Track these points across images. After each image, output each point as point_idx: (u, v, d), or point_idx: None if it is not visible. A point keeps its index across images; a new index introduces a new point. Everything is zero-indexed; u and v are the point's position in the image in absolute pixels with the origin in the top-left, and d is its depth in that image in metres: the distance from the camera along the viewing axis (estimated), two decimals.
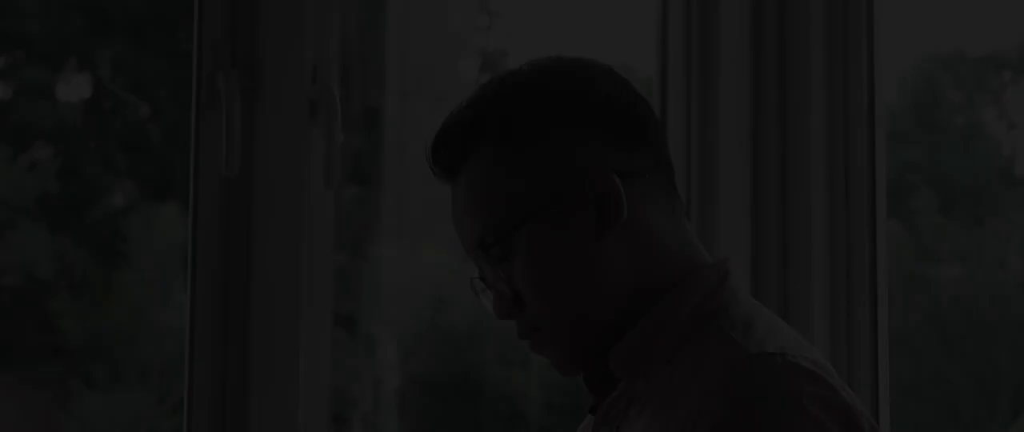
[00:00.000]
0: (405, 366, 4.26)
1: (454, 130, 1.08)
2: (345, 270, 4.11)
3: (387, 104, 4.14)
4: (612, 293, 1.04)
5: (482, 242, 1.06)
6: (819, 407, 0.91)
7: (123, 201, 3.73)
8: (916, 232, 3.20)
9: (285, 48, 1.46)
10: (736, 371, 0.93)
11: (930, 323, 3.12)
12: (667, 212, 1.07)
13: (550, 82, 1.07)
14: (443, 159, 1.10)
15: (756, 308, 1.05)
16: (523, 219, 1.03)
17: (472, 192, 1.07)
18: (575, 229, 1.03)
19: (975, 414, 2.86)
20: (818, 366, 0.96)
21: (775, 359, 0.94)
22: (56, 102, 3.23)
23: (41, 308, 3.67)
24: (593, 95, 1.06)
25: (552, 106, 1.05)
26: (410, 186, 4.27)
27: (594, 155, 1.04)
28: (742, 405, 0.91)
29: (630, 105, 1.07)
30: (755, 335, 0.98)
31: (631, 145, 1.06)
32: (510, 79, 1.08)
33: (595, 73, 1.08)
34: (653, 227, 1.05)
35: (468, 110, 1.07)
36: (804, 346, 0.99)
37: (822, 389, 0.93)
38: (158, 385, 3.69)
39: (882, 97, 1.75)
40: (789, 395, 0.91)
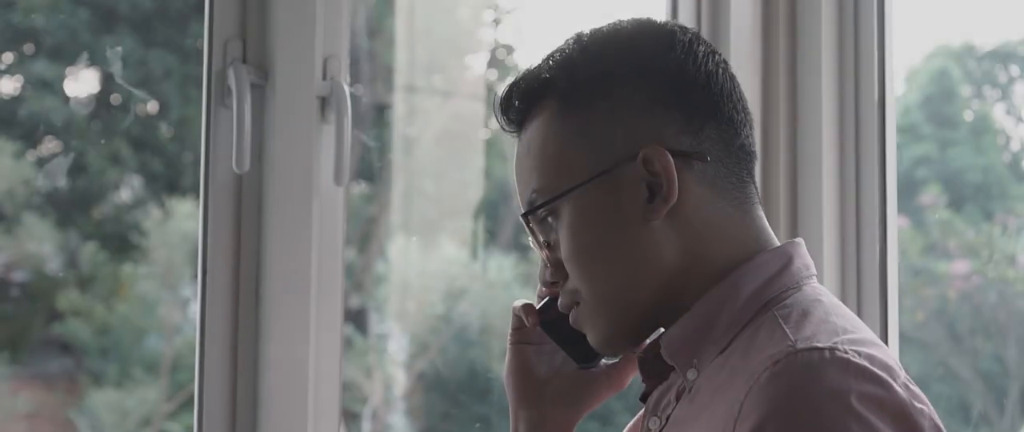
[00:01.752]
0: (415, 362, 4.27)
1: (524, 80, 1.03)
2: (355, 266, 4.11)
3: (396, 100, 4.15)
4: (656, 278, 0.99)
5: (531, 203, 1.02)
6: (869, 406, 0.85)
7: (132, 197, 3.74)
8: (925, 228, 3.20)
9: (295, 45, 1.45)
10: (779, 366, 0.87)
11: (938, 319, 3.12)
12: (733, 198, 1.00)
13: (624, 42, 1.01)
14: (510, 110, 1.05)
15: (818, 296, 0.98)
16: (572, 186, 0.99)
17: (530, 149, 1.03)
18: (625, 206, 0.98)
19: (984, 410, 2.86)
20: (875, 362, 0.88)
21: (822, 354, 0.87)
22: (65, 98, 3.24)
23: (50, 303, 3.68)
24: (665, 63, 0.99)
25: (620, 67, 1.00)
26: (420, 182, 4.28)
27: (654, 130, 0.98)
28: (783, 403, 0.85)
29: (707, 82, 0.99)
30: (809, 326, 0.92)
31: (698, 124, 0.99)
32: (588, 35, 1.03)
33: (676, 41, 1.00)
34: (710, 213, 0.99)
35: (542, 62, 1.03)
36: (865, 341, 0.91)
37: (875, 387, 0.86)
38: (168, 381, 3.70)
39: (893, 92, 1.75)
40: (835, 393, 0.85)
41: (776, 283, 0.98)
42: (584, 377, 1.12)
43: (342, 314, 1.50)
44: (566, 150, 1.00)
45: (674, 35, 1.01)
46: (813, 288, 0.99)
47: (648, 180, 0.98)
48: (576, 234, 1.00)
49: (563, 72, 1.01)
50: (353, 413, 3.92)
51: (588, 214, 0.99)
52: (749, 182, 1.02)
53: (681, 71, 0.99)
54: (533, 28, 4.12)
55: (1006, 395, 2.99)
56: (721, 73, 1.01)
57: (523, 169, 1.04)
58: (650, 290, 0.99)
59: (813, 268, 1.02)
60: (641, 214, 0.98)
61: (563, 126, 1.01)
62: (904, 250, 3.13)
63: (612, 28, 1.03)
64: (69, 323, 3.57)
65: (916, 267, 3.18)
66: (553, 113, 1.01)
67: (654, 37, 1.01)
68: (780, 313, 0.94)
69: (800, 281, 0.99)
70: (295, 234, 1.45)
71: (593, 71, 1.00)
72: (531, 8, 4.22)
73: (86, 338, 3.59)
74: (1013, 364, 3.02)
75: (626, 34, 1.02)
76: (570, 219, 1.00)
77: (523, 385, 1.13)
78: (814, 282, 1.01)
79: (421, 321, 4.11)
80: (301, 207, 1.45)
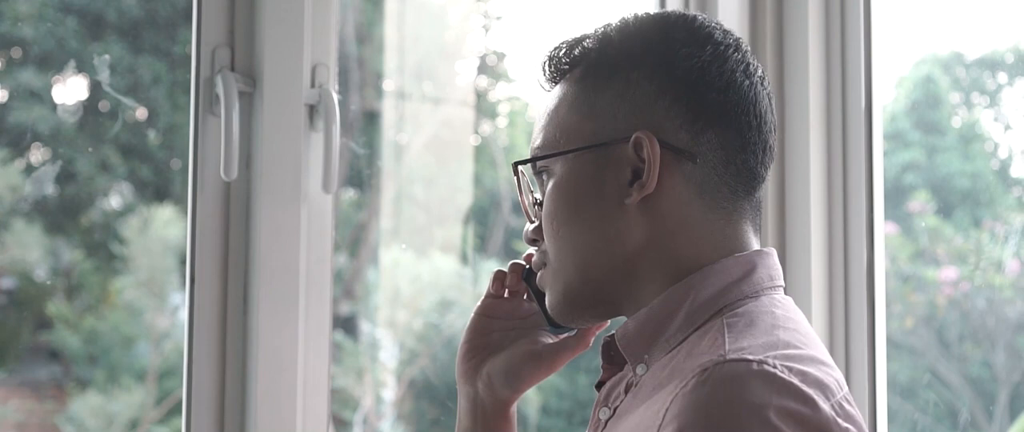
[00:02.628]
0: (405, 369, 4.26)
1: (565, 46, 1.07)
2: (345, 273, 4.11)
3: (386, 107, 4.15)
4: (614, 256, 1.01)
5: (533, 155, 1.06)
6: (788, 422, 0.85)
7: (120, 204, 3.73)
8: (913, 234, 3.21)
9: (283, 52, 1.46)
10: (706, 374, 0.88)
11: (927, 325, 3.13)
12: (717, 207, 1.01)
13: (658, 31, 1.03)
14: (549, 69, 1.08)
15: (772, 307, 0.99)
16: (565, 150, 1.03)
17: (547, 108, 1.07)
18: (606, 182, 1.01)
19: (973, 416, 2.86)
20: (808, 379, 0.88)
21: (750, 366, 0.88)
22: (53, 105, 3.23)
23: (38, 311, 3.67)
24: (688, 60, 1.01)
25: (643, 51, 1.02)
26: (410, 189, 4.28)
27: (656, 119, 1.00)
28: (702, 412, 0.86)
29: (725, 89, 1.01)
30: (748, 337, 0.93)
31: (702, 126, 1.00)
32: (632, 18, 1.06)
33: (710, 41, 1.02)
34: (688, 213, 1.00)
35: (590, 33, 1.07)
36: (802, 357, 0.91)
37: (798, 404, 0.86)
38: (156, 388, 3.69)
39: (879, 99, 1.75)
40: (754, 406, 0.85)
41: (734, 290, 1.00)
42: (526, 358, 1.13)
43: (331, 321, 1.50)
44: (574, 116, 1.04)
45: (711, 36, 1.03)
46: (771, 299, 1.00)
47: (634, 164, 1.00)
48: (557, 196, 1.04)
49: (597, 44, 1.05)
50: (344, 420, 3.91)
51: (573, 179, 1.03)
52: (743, 196, 1.03)
53: (701, 71, 1.01)
54: (522, 35, 4.13)
55: (994, 401, 3.00)
56: (747, 85, 1.02)
57: (538, 123, 1.08)
58: (607, 268, 1.02)
59: (779, 279, 1.04)
60: (618, 194, 1.01)
61: (578, 94, 1.04)
62: (893, 256, 3.14)
63: (654, 16, 1.06)
64: (57, 330, 3.56)
65: (905, 273, 3.19)
66: (576, 79, 1.05)
67: (689, 32, 1.03)
68: (729, 320, 0.96)
69: (759, 291, 1.00)
70: (283, 241, 1.44)
71: (621, 50, 1.03)
72: (520, 15, 4.23)
73: (74, 345, 3.58)
74: (1001, 370, 3.03)
75: (664, 24, 1.04)
76: (556, 181, 1.04)
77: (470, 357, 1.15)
78: (776, 293, 1.02)
79: (411, 328, 4.10)
80: (289, 214, 1.45)
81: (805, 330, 0.99)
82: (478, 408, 1.14)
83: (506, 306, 1.15)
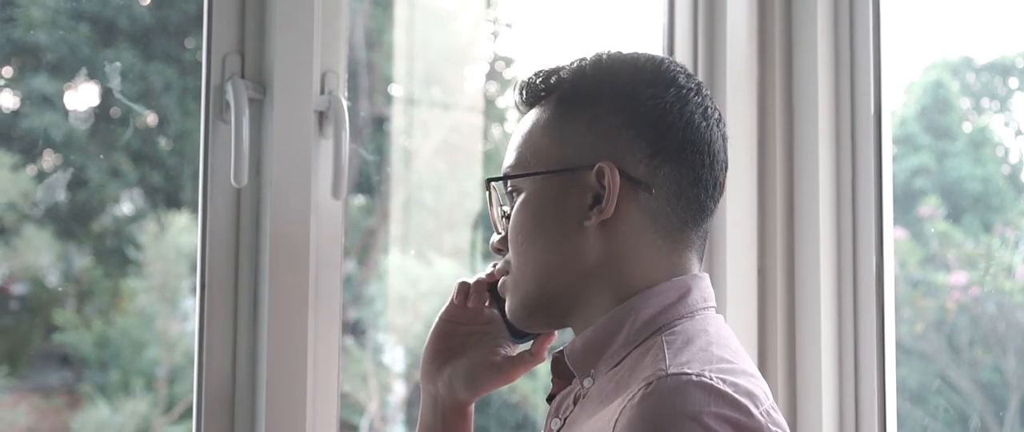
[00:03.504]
0: (412, 374, 4.26)
1: (543, 74, 1.17)
2: (353, 279, 4.11)
3: (395, 113, 4.15)
4: (570, 273, 1.11)
5: (505, 173, 1.16)
6: (723, 426, 0.96)
7: (131, 210, 3.74)
8: (923, 239, 3.20)
9: (293, 60, 1.46)
10: (650, 387, 0.98)
11: (937, 330, 3.12)
12: (668, 236, 1.12)
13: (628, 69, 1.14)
14: (526, 94, 1.18)
15: (706, 327, 1.09)
16: (534, 172, 1.13)
17: (521, 130, 1.17)
18: (569, 205, 1.11)
19: (983, 422, 2.85)
20: (739, 390, 0.99)
21: (690, 378, 0.98)
22: (65, 112, 3.25)
23: (50, 316, 3.68)
24: (652, 98, 1.11)
25: (612, 87, 1.12)
26: (419, 195, 4.28)
27: (618, 151, 1.10)
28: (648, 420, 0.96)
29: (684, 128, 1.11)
30: (686, 353, 1.03)
31: (659, 161, 1.10)
32: (605, 55, 1.16)
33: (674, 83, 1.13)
34: (640, 238, 1.12)
35: (564, 64, 1.17)
36: (734, 370, 1.02)
37: (732, 411, 0.97)
38: (166, 393, 3.69)
39: (889, 104, 1.75)
40: (693, 414, 0.96)
41: (671, 311, 1.10)
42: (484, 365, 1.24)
43: (340, 326, 1.50)
44: (545, 141, 1.14)
45: (675, 79, 1.13)
46: (704, 318, 1.11)
47: (595, 190, 1.11)
48: (524, 212, 1.13)
49: (571, 76, 1.15)
50: (351, 424, 3.92)
51: (540, 198, 1.13)
52: (692, 228, 1.13)
53: (664, 112, 1.11)
54: (531, 41, 4.13)
55: (1005, 407, 2.99)
56: (705, 127, 1.12)
57: (512, 144, 1.18)
58: (562, 282, 1.12)
59: (711, 300, 1.14)
60: (578, 216, 1.11)
61: (551, 120, 1.14)
62: (903, 261, 3.13)
63: (628, 55, 1.16)
64: (68, 336, 3.57)
65: (915, 278, 3.18)
66: (550, 107, 1.15)
67: (656, 75, 1.13)
68: (667, 339, 1.06)
69: (694, 311, 1.11)
70: (293, 248, 1.45)
71: (593, 84, 1.13)
72: (529, 21, 4.24)
73: (85, 351, 3.59)
74: (1012, 375, 3.02)
75: (635, 64, 1.14)
76: (526, 197, 1.14)
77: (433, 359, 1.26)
78: (709, 313, 1.12)
79: (420, 333, 4.10)
80: (299, 221, 1.45)
81: (735, 346, 1.10)
82: (439, 406, 1.26)
83: (469, 313, 1.25)
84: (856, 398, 1.71)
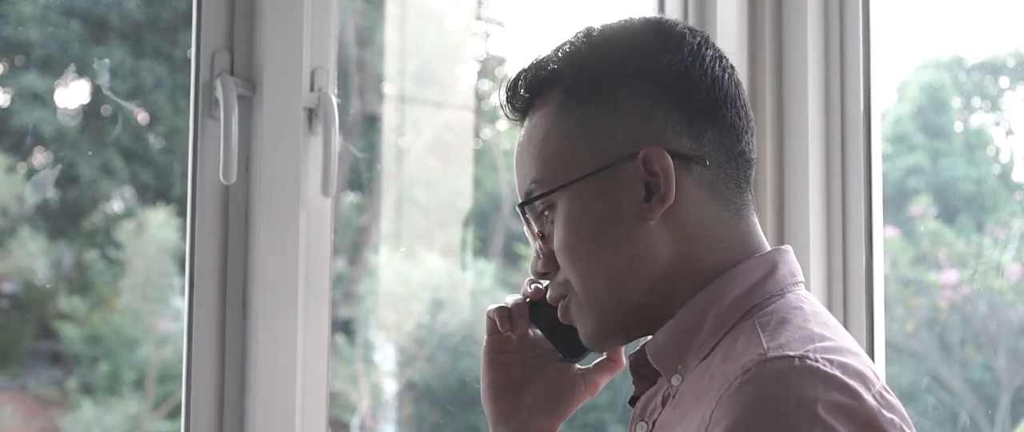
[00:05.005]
0: (403, 372, 4.26)
1: (531, 70, 1.04)
2: (344, 276, 4.11)
3: (387, 110, 4.15)
4: (647, 277, 1.00)
5: (528, 194, 1.03)
6: (836, 415, 0.85)
7: (121, 207, 3.74)
8: (915, 238, 3.21)
9: (283, 56, 1.46)
10: (749, 374, 0.88)
11: (929, 329, 3.12)
12: (729, 204, 1.01)
13: (632, 40, 1.02)
14: (516, 99, 1.06)
15: (800, 302, 0.98)
16: (569, 180, 1.00)
17: (531, 140, 1.04)
18: (621, 204, 0.99)
19: (974, 420, 2.86)
20: (848, 371, 0.88)
21: (792, 362, 0.87)
22: (55, 109, 3.24)
23: (40, 314, 3.67)
24: (671, 65, 1.00)
25: (625, 65, 1.01)
26: (410, 192, 4.28)
27: (655, 130, 0.99)
28: (751, 410, 0.86)
29: (712, 86, 1.00)
30: (784, 333, 0.92)
31: (700, 128, 0.99)
32: (598, 30, 1.03)
33: (684, 43, 1.01)
34: (706, 215, 1.00)
35: (550, 54, 1.04)
36: (840, 349, 0.91)
37: (843, 396, 0.86)
38: (156, 390, 3.69)
39: (879, 104, 1.75)
40: (801, 401, 0.85)
41: (759, 290, 0.99)
42: (561, 384, 1.13)
43: (329, 324, 1.50)
44: (567, 143, 1.01)
45: (683, 37, 1.02)
46: (797, 296, 1.00)
47: (646, 180, 0.99)
48: (572, 228, 1.01)
49: (570, 65, 1.02)
50: (342, 423, 3.91)
51: (585, 209, 1.00)
52: (746, 188, 1.03)
53: (686, 74, 1.00)
54: (523, 39, 4.13)
55: (996, 405, 3.00)
56: (726, 78, 1.02)
57: (523, 159, 1.05)
58: (641, 289, 1.00)
59: (800, 275, 1.03)
60: (637, 213, 0.99)
61: (566, 119, 1.01)
62: (894, 260, 3.14)
63: (622, 25, 1.03)
64: (59, 334, 3.56)
65: (906, 277, 3.19)
66: (557, 105, 1.02)
67: (663, 37, 1.02)
68: (760, 320, 0.95)
69: (784, 288, 1.00)
70: (282, 245, 1.45)
71: (599, 67, 1.01)
72: (521, 20, 4.24)
73: (76, 349, 3.58)
74: (1003, 374, 3.02)
75: (635, 32, 1.03)
76: (566, 212, 1.01)
77: (502, 396, 1.14)
78: (800, 289, 1.01)
79: (410, 331, 4.10)
80: (288, 218, 1.45)
81: (834, 324, 0.98)
82: None
83: (514, 341, 1.14)
84: None
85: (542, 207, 1.03)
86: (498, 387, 1.14)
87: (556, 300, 1.05)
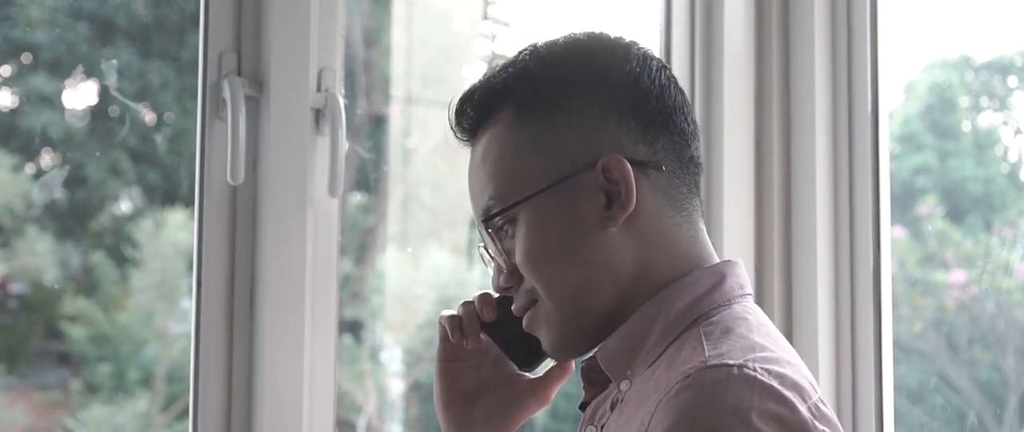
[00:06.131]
0: (409, 372, 4.27)
1: (479, 89, 1.06)
2: (351, 277, 4.12)
3: (392, 112, 4.15)
4: (611, 284, 1.02)
5: (487, 211, 1.05)
6: (769, 423, 0.87)
7: (129, 208, 3.75)
8: (922, 238, 3.20)
9: (290, 56, 1.46)
10: (689, 380, 0.90)
11: (936, 329, 3.12)
12: (682, 209, 1.04)
13: (580, 54, 1.04)
14: (465, 119, 1.07)
15: (745, 314, 1.01)
16: (529, 194, 1.02)
17: (486, 158, 1.05)
18: (583, 214, 1.01)
19: (982, 420, 2.85)
20: (785, 382, 0.91)
21: (731, 370, 0.90)
22: (63, 110, 3.25)
23: (48, 314, 3.68)
24: (621, 75, 1.03)
25: (576, 78, 1.03)
26: (417, 192, 4.28)
27: (612, 139, 1.01)
28: (687, 416, 0.88)
29: (660, 94, 1.03)
30: (726, 343, 0.95)
31: (653, 134, 1.02)
32: (544, 46, 1.06)
33: (630, 54, 1.04)
34: (663, 222, 1.02)
35: (497, 72, 1.06)
36: (779, 360, 0.94)
37: (777, 405, 0.89)
38: (164, 391, 3.70)
39: (887, 104, 1.75)
40: (736, 409, 0.87)
41: (706, 300, 1.01)
42: (512, 395, 1.15)
43: (337, 324, 1.50)
44: (523, 158, 1.03)
45: (629, 49, 1.05)
46: (743, 307, 1.02)
47: (606, 188, 1.01)
48: (535, 240, 1.02)
49: (520, 82, 1.04)
50: (349, 423, 3.92)
51: (546, 221, 1.02)
52: (696, 194, 1.06)
53: (636, 83, 1.03)
54: (529, 40, 4.13)
55: (1004, 405, 2.99)
56: (672, 87, 1.05)
57: (478, 177, 1.06)
58: (606, 296, 1.02)
59: (748, 287, 1.05)
60: (599, 221, 1.01)
61: (520, 135, 1.03)
62: (902, 260, 3.13)
63: (568, 40, 1.06)
64: (67, 334, 3.57)
65: (913, 277, 3.18)
66: (509, 122, 1.04)
67: (610, 50, 1.04)
68: (705, 329, 0.98)
69: (731, 299, 1.02)
70: (290, 245, 1.45)
71: (550, 82, 1.03)
72: (527, 20, 4.24)
73: (84, 349, 3.59)
74: (1011, 374, 3.02)
75: (583, 47, 1.05)
76: (528, 225, 1.02)
77: (454, 404, 1.15)
78: (747, 301, 1.04)
79: (417, 331, 4.11)
80: (295, 218, 1.45)
81: (776, 335, 1.01)
82: None
83: (467, 349, 1.15)
84: (853, 396, 1.71)
85: (502, 222, 1.04)
86: (450, 395, 1.15)
87: (522, 311, 1.07)
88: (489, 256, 1.08)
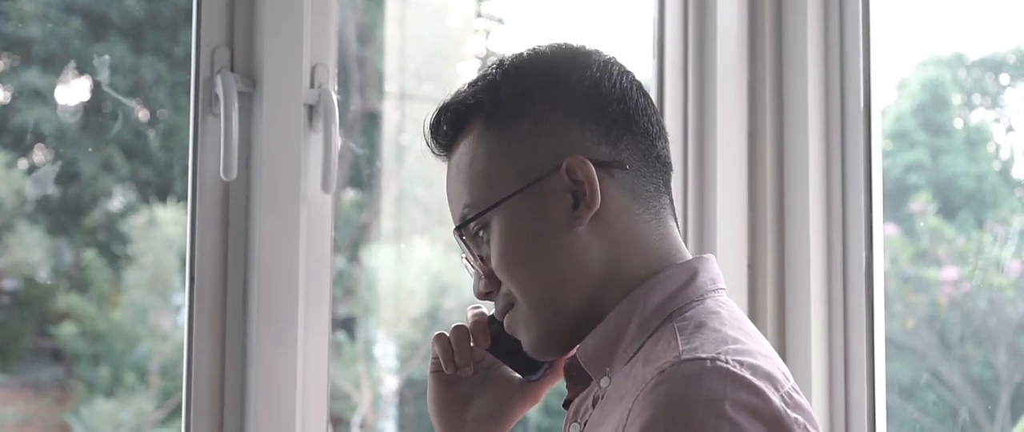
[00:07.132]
0: (403, 368, 4.27)
1: (451, 105, 1.11)
2: (344, 273, 4.11)
3: (386, 108, 4.15)
4: (582, 283, 1.06)
5: (462, 218, 1.09)
6: (742, 413, 0.91)
7: (122, 204, 3.74)
8: (915, 235, 3.21)
9: (283, 52, 1.46)
10: (664, 375, 0.93)
11: (929, 326, 3.13)
12: (650, 207, 1.08)
13: (542, 64, 1.09)
14: (439, 134, 1.12)
15: (718, 308, 1.04)
16: (500, 199, 1.06)
17: (459, 169, 1.10)
18: (551, 215, 1.05)
19: (974, 416, 2.86)
20: (757, 373, 0.94)
21: (704, 363, 0.93)
22: (55, 106, 3.24)
23: (41, 311, 3.67)
24: (581, 81, 1.07)
25: (539, 87, 1.07)
26: (409, 190, 4.28)
27: (575, 142, 1.06)
28: (663, 408, 0.92)
29: (622, 97, 1.07)
30: (699, 337, 0.98)
31: (616, 135, 1.06)
32: (509, 60, 1.10)
33: (591, 61, 1.09)
34: (631, 220, 1.06)
35: (467, 88, 1.11)
36: (751, 352, 0.97)
37: (750, 395, 0.92)
38: (158, 387, 3.69)
39: (879, 101, 1.75)
40: (710, 400, 0.91)
41: (680, 296, 1.04)
42: (503, 397, 1.18)
43: (330, 321, 1.50)
44: (493, 166, 1.07)
45: (590, 56, 1.09)
46: (715, 301, 1.05)
47: (572, 189, 1.05)
48: (507, 243, 1.06)
49: (487, 95, 1.08)
50: (343, 419, 3.92)
51: (517, 224, 1.06)
52: (664, 193, 1.09)
53: (597, 87, 1.07)
54: (522, 37, 4.13)
55: (996, 401, 3.00)
56: (635, 90, 1.08)
57: (454, 188, 1.11)
58: (579, 295, 1.06)
59: (721, 282, 1.08)
60: (567, 221, 1.05)
61: (489, 144, 1.07)
62: (894, 257, 3.14)
63: (532, 53, 1.10)
64: (60, 331, 3.57)
65: (906, 274, 3.19)
66: (479, 133, 1.08)
67: (570, 58, 1.09)
68: (679, 324, 1.01)
69: (704, 294, 1.05)
70: (283, 241, 1.45)
71: (515, 92, 1.07)
72: (520, 17, 4.24)
73: (77, 346, 3.58)
74: (1003, 370, 3.03)
75: (545, 57, 1.10)
76: (500, 230, 1.07)
77: (448, 409, 1.19)
78: (719, 295, 1.07)
79: (411, 327, 4.11)
80: (289, 214, 1.45)
81: (749, 328, 1.04)
82: None
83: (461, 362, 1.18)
84: (846, 393, 1.71)
85: (477, 228, 1.08)
86: (443, 401, 1.19)
87: (502, 313, 1.11)
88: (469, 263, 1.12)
